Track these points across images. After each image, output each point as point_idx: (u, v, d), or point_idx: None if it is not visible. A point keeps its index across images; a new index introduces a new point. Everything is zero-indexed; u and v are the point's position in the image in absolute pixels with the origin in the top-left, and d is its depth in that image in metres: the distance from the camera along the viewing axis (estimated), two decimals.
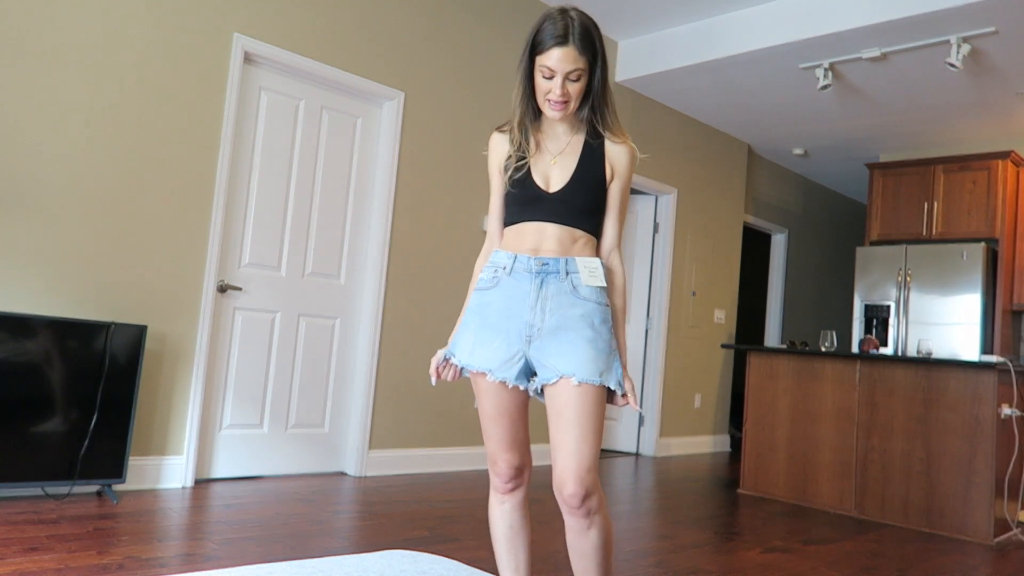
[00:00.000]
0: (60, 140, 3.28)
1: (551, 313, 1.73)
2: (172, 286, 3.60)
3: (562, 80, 1.72)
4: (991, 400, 3.90)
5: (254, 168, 3.97)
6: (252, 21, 3.86)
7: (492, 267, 1.81)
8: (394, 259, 4.44)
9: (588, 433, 1.69)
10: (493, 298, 1.78)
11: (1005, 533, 3.96)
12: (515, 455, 1.82)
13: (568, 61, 1.71)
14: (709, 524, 3.86)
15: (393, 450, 4.44)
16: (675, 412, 6.40)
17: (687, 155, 6.49)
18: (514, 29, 5.03)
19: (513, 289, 1.76)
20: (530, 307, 1.74)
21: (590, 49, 1.74)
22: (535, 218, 1.78)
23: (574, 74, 1.73)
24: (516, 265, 1.76)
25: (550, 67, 1.72)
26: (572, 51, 1.71)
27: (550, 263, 1.75)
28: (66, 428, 3.15)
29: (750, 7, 5.03)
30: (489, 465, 1.87)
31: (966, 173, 6.28)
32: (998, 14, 4.26)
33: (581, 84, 1.75)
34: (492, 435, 1.82)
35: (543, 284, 1.74)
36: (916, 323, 6.22)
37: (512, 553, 1.87)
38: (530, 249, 1.77)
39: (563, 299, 1.74)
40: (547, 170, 1.80)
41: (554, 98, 1.74)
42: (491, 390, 1.79)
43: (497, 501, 1.87)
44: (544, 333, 1.73)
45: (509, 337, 1.75)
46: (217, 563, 2.53)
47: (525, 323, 1.74)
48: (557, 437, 1.71)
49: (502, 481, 1.84)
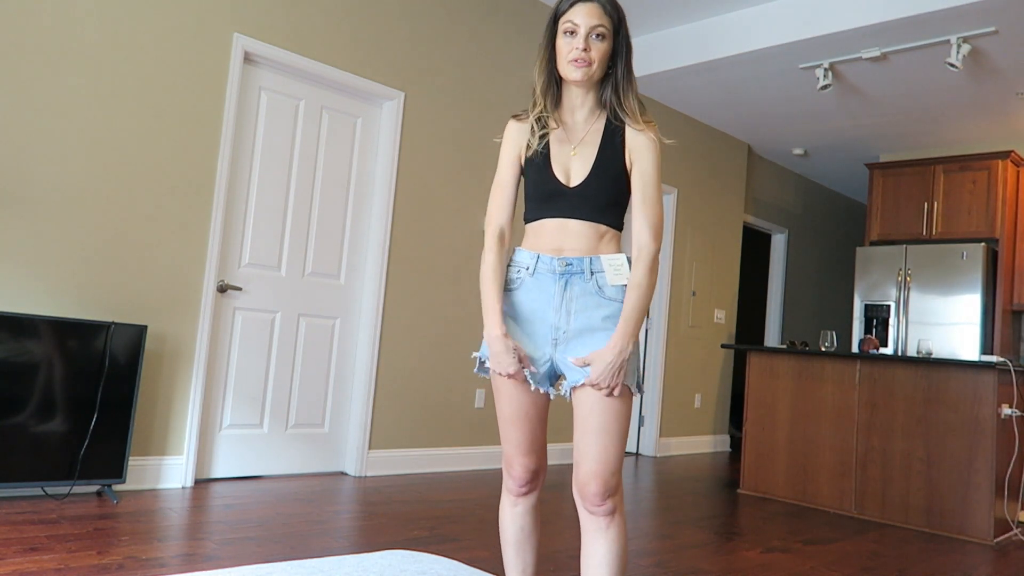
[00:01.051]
0: (60, 140, 3.28)
1: (576, 315, 1.69)
2: (172, 286, 3.60)
3: (585, 35, 1.67)
4: (991, 400, 3.90)
5: (254, 168, 3.97)
6: (252, 21, 3.86)
7: (515, 267, 1.76)
8: (394, 259, 4.44)
9: (615, 437, 1.68)
10: (519, 299, 1.74)
11: (1005, 533, 3.96)
12: (532, 459, 1.79)
13: (593, 16, 1.67)
14: (709, 524, 3.86)
15: (393, 450, 4.44)
16: (675, 412, 6.40)
17: (687, 155, 6.49)
18: (514, 29, 5.03)
19: (537, 291, 1.72)
20: (555, 309, 1.70)
21: (616, 12, 1.71)
22: (556, 214, 1.72)
23: (598, 30, 1.68)
24: (539, 266, 1.72)
25: (574, 21, 1.67)
26: (597, 7, 1.68)
27: (574, 263, 1.70)
28: (66, 428, 3.15)
29: (750, 7, 5.03)
30: (504, 467, 1.83)
31: (966, 173, 6.28)
32: (998, 14, 4.26)
33: (605, 46, 1.70)
34: (511, 438, 1.78)
35: (567, 285, 1.70)
36: (916, 323, 6.22)
37: (520, 555, 1.85)
38: (553, 248, 1.72)
39: (588, 300, 1.70)
40: (567, 162, 1.74)
41: (577, 54, 1.67)
42: (513, 393, 1.74)
43: (510, 503, 1.84)
44: (570, 336, 1.69)
45: (535, 340, 1.72)
46: (217, 563, 2.53)
47: (551, 326, 1.70)
48: (584, 440, 1.68)
49: (516, 484, 1.81)
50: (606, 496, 1.66)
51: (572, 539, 3.26)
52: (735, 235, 7.10)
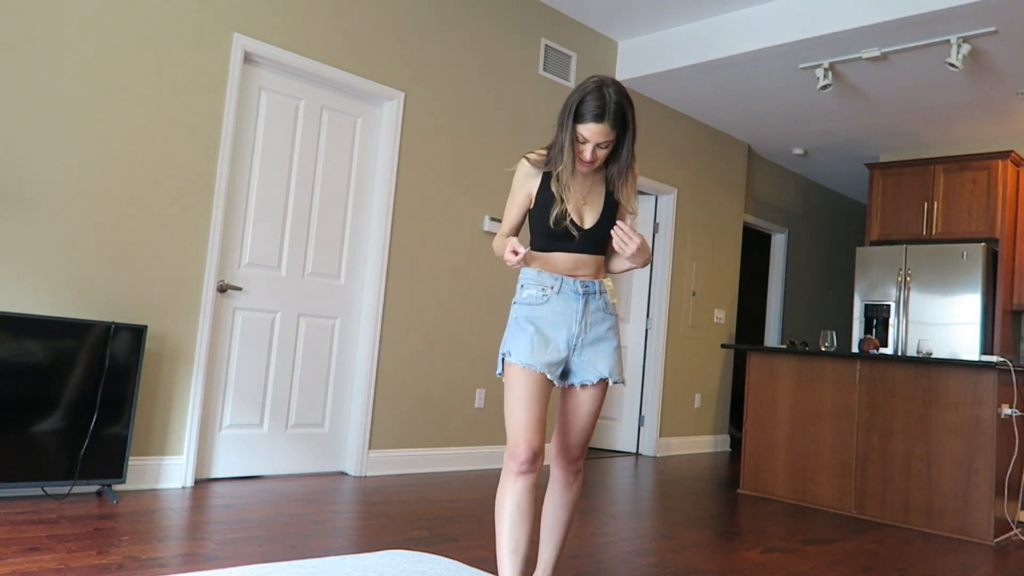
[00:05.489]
0: (60, 140, 3.28)
1: (592, 327, 2.12)
2: (172, 286, 3.60)
3: (592, 147, 2.04)
4: (991, 400, 3.90)
5: (254, 168, 3.97)
6: (252, 21, 3.86)
7: (539, 286, 2.12)
8: (394, 259, 4.44)
9: (595, 420, 2.20)
10: (544, 312, 2.10)
11: (1005, 533, 3.96)
12: (536, 438, 2.02)
13: (601, 135, 2.02)
14: (709, 524, 3.86)
15: (393, 450, 4.44)
16: (675, 412, 6.40)
17: (687, 155, 6.49)
18: (514, 29, 5.03)
19: (563, 306, 2.10)
20: (577, 322, 2.10)
21: (620, 124, 2.05)
22: (570, 249, 2.12)
23: (604, 144, 2.05)
24: (563, 286, 2.11)
25: (585, 135, 2.03)
26: (605, 127, 2.02)
27: (590, 285, 2.13)
28: (66, 428, 3.15)
29: (750, 7, 5.03)
30: (509, 451, 2.03)
31: (966, 173, 6.28)
32: (998, 14, 4.26)
33: (608, 149, 2.08)
34: (521, 419, 2.03)
35: (587, 303, 2.12)
36: (916, 323, 6.22)
37: (513, 533, 1.99)
38: (569, 273, 2.12)
39: (598, 315, 2.14)
40: (580, 209, 2.13)
41: (584, 159, 2.06)
42: (535, 380, 2.05)
43: (510, 482, 2.01)
44: (585, 344, 2.12)
45: (558, 346, 2.09)
46: (217, 563, 2.53)
47: (572, 335, 2.10)
48: (577, 422, 2.17)
49: (518, 463, 2.00)
50: (581, 459, 2.23)
51: (571, 539, 3.26)
52: (735, 235, 7.10)
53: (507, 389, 2.08)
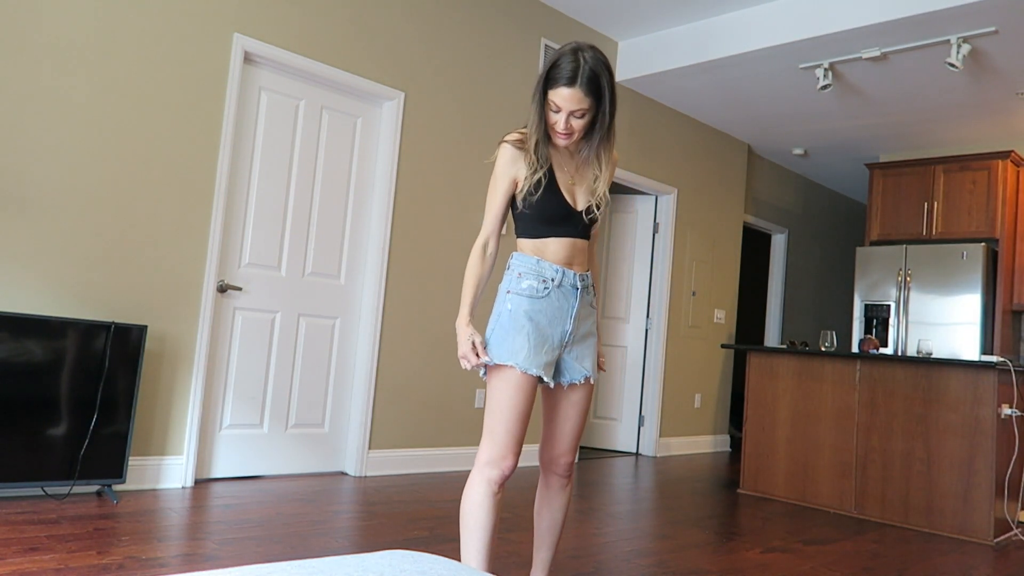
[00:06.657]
0: (60, 140, 3.28)
1: (579, 322, 2.02)
2: (172, 286, 3.60)
3: (566, 116, 1.90)
4: (991, 400, 3.90)
5: (254, 168, 3.97)
6: (252, 21, 3.86)
7: (539, 277, 1.97)
8: (394, 259, 4.44)
9: (584, 425, 2.10)
10: (543, 307, 1.96)
11: (1005, 533, 3.96)
12: (517, 452, 1.96)
13: (573, 101, 1.87)
14: (709, 524, 3.86)
15: (393, 450, 4.44)
16: (675, 412, 6.40)
17: (687, 155, 6.49)
18: (514, 29, 5.03)
19: (561, 301, 1.98)
20: (571, 318, 1.99)
21: (595, 92, 1.89)
22: (565, 234, 1.98)
23: (578, 112, 1.90)
24: (564, 279, 1.98)
25: (557, 103, 1.89)
26: (578, 92, 1.87)
27: (586, 279, 2.03)
28: (66, 428, 3.15)
29: (750, 7, 5.03)
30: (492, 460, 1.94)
31: (966, 173, 6.28)
32: (998, 14, 4.26)
33: (585, 120, 1.93)
34: (512, 431, 1.94)
35: (580, 298, 2.00)
36: (916, 323, 6.22)
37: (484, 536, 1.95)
38: (566, 263, 1.99)
39: (585, 310, 2.03)
40: (571, 188, 1.99)
41: (559, 130, 1.92)
42: (531, 387, 1.95)
43: (488, 493, 1.94)
44: (575, 340, 2.01)
45: (553, 344, 1.98)
46: (217, 563, 2.53)
47: (566, 332, 1.99)
48: (567, 426, 2.06)
49: (500, 474, 1.94)
50: (572, 465, 2.14)
51: (571, 539, 3.26)
52: (735, 235, 7.10)
53: (498, 392, 1.94)
